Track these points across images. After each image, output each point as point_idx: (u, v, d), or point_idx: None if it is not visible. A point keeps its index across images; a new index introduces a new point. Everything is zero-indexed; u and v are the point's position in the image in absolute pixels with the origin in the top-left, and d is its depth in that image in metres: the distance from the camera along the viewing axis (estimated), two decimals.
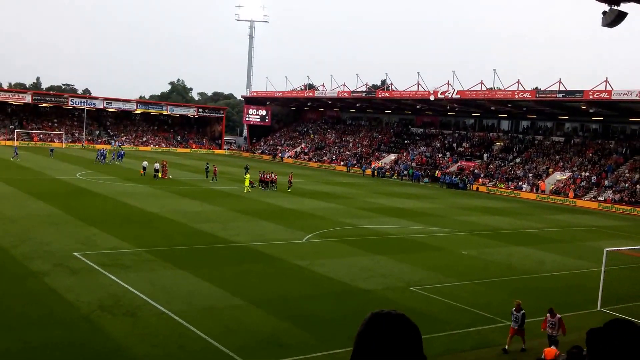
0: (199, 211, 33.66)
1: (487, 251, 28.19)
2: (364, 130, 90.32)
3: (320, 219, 33.74)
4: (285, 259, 23.39)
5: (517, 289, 21.59)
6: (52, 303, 16.26)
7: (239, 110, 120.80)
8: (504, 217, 41.33)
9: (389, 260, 24.56)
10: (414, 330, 1.98)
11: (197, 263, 21.72)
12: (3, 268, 19.33)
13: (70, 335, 14.20)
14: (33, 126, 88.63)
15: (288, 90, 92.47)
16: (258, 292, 18.59)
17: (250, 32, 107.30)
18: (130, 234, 25.91)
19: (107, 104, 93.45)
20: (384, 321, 1.97)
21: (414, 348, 1.95)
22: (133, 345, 13.86)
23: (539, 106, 63.10)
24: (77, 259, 20.92)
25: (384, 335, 1.94)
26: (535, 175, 61.79)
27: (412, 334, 1.97)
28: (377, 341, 1.93)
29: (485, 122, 78.14)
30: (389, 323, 1.96)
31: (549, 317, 15.40)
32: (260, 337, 15.02)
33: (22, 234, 24.42)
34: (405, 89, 74.08)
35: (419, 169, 70.76)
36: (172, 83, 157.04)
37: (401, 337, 1.95)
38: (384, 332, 1.94)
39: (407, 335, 1.96)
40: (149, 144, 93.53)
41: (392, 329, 1.95)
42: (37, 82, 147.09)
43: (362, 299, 18.66)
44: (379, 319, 1.98)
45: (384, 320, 1.97)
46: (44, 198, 34.10)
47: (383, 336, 1.94)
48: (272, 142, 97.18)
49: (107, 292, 17.50)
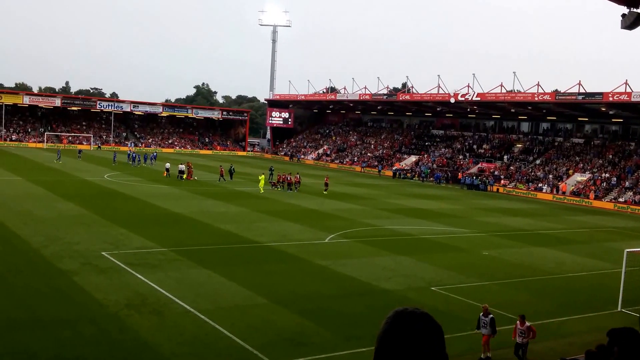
0: (223, 212, 34.18)
1: (507, 252, 28.21)
2: (385, 132, 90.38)
3: (342, 220, 34.02)
4: (308, 259, 23.70)
5: (537, 290, 21.66)
6: (81, 301, 16.64)
7: (263, 113, 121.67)
8: (523, 218, 41.18)
9: (410, 260, 24.75)
10: (438, 329, 1.95)
11: (221, 262, 22.13)
12: (34, 267, 19.87)
13: (98, 332, 14.49)
14: (62, 129, 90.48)
15: (310, 93, 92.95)
16: (281, 291, 18.92)
17: (273, 36, 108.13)
18: (157, 233, 26.45)
19: (134, 107, 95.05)
20: (408, 319, 1.94)
21: (437, 347, 1.93)
22: (160, 343, 14.13)
23: (559, 108, 62.62)
24: (105, 259, 21.44)
25: (408, 333, 1.91)
26: (556, 176, 61.32)
27: (435, 333, 1.94)
28: (401, 339, 1.91)
29: (506, 124, 77.68)
30: (412, 321, 1.94)
31: (519, 324, 14.60)
32: (283, 335, 15.31)
33: (52, 234, 25.04)
34: (425, 92, 74.08)
35: (439, 170, 70.67)
36: (197, 87, 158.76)
37: (425, 336, 1.91)
38: (407, 330, 1.91)
39: (431, 334, 1.93)
40: (175, 146, 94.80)
41: (416, 328, 1.92)
42: (66, 86, 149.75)
43: (383, 299, 18.85)
44: (403, 317, 1.95)
45: (408, 318, 1.95)
46: (73, 199, 34.91)
47: (407, 334, 1.91)
48: (295, 144, 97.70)
49: (135, 290, 17.88)
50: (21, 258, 20.93)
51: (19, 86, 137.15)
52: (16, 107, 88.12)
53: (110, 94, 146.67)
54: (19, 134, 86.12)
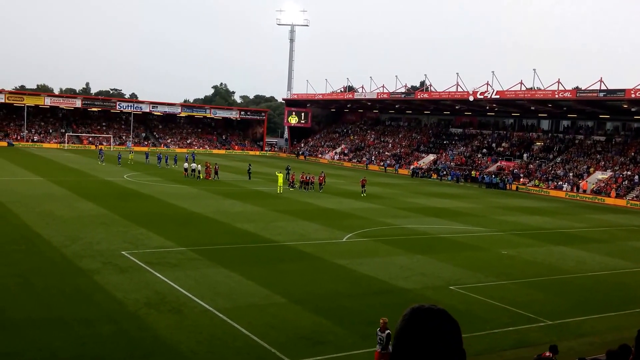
0: (241, 211, 34.37)
1: (526, 251, 27.96)
2: (403, 131, 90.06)
3: (359, 219, 33.99)
4: (326, 258, 23.73)
5: (556, 289, 21.45)
6: (102, 300, 16.85)
7: (280, 113, 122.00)
8: (543, 217, 40.78)
9: (428, 259, 24.66)
10: (455, 326, 1.95)
11: (239, 261, 22.26)
12: (55, 266, 20.14)
13: (118, 331, 14.67)
14: (83, 129, 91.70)
15: (328, 93, 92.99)
16: (299, 290, 18.98)
17: (290, 36, 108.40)
18: (176, 233, 26.69)
19: (153, 107, 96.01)
20: (425, 316, 1.94)
21: (454, 343, 1.92)
22: (179, 341, 14.24)
23: (580, 105, 61.86)
24: (125, 258, 21.69)
25: (425, 330, 1.90)
26: (576, 174, 60.60)
27: (452, 330, 1.94)
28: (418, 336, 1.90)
29: (525, 122, 76.96)
30: (429, 318, 1.93)
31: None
32: (301, 333, 15.36)
33: (73, 233, 25.37)
34: (444, 90, 73.69)
35: (458, 169, 70.26)
36: (215, 87, 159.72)
37: (442, 332, 1.91)
38: (424, 327, 1.91)
39: (448, 331, 1.93)
40: (193, 145, 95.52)
41: (433, 324, 1.92)
42: (86, 88, 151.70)
43: (401, 298, 18.81)
44: (420, 313, 1.95)
45: (425, 315, 1.94)
46: (94, 199, 35.35)
47: (424, 331, 1.90)
48: (313, 144, 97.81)
49: (154, 289, 18.05)
50: (43, 257, 21.24)
51: (40, 87, 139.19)
52: (38, 108, 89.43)
53: (130, 94, 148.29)
54: (40, 134, 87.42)
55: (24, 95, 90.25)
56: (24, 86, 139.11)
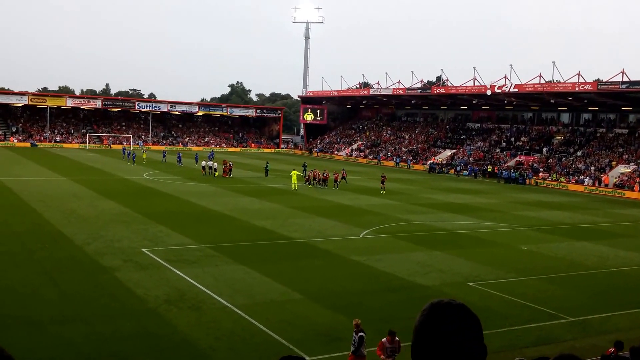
0: (259, 208, 34.50)
1: (547, 246, 27.67)
2: (419, 127, 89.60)
3: (376, 215, 33.93)
4: (343, 254, 23.73)
5: (578, 285, 21.22)
6: (123, 297, 17.06)
7: (296, 110, 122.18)
8: (563, 212, 40.32)
9: (446, 255, 24.52)
10: (475, 321, 1.91)
11: (257, 258, 22.34)
12: (77, 264, 20.42)
13: (139, 327, 14.84)
14: (103, 129, 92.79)
15: (343, 89, 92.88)
16: (316, 287, 19.01)
17: (306, 33, 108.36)
18: (194, 230, 26.89)
19: (171, 107, 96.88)
20: (444, 311, 1.90)
21: (475, 338, 1.89)
22: (198, 338, 14.37)
23: (601, 98, 60.98)
24: (145, 255, 21.93)
25: (445, 325, 1.87)
26: (598, 168, 59.76)
27: (473, 324, 1.90)
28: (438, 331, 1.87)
29: (545, 116, 76.01)
30: (449, 313, 1.90)
31: (387, 341, 12.58)
32: (318, 330, 15.39)
33: (95, 231, 25.70)
34: (461, 85, 73.18)
35: (476, 164, 69.73)
36: (231, 85, 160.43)
37: (462, 327, 1.88)
38: (444, 322, 1.88)
39: (468, 326, 1.89)
40: (211, 144, 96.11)
41: (453, 319, 1.88)
42: (106, 89, 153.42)
43: (419, 294, 18.73)
44: (439, 308, 1.91)
45: (445, 310, 1.91)
46: (114, 197, 35.76)
47: (444, 326, 1.87)
48: (329, 140, 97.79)
49: (173, 286, 18.23)
50: (66, 255, 21.54)
51: (62, 89, 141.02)
52: (60, 110, 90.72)
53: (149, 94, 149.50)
54: (62, 135, 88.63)
55: (47, 96, 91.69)
56: (47, 88, 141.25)
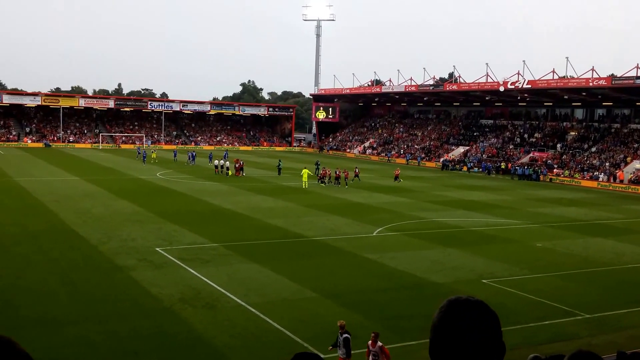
0: (271, 207, 34.56)
1: (562, 243, 27.45)
2: (432, 124, 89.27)
3: (389, 213, 33.85)
4: (356, 252, 23.71)
5: (595, 282, 21.04)
6: (138, 295, 17.17)
7: (308, 108, 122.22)
8: (578, 208, 39.99)
9: (460, 253, 24.42)
10: (493, 317, 1.87)
11: (271, 257, 22.38)
12: (93, 263, 20.58)
13: (154, 325, 14.92)
14: (116, 129, 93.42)
15: (355, 87, 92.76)
16: (330, 285, 19.01)
17: (317, 31, 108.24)
18: (208, 229, 27.00)
19: (183, 106, 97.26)
20: (462, 308, 1.86)
21: (493, 336, 1.85)
22: (213, 336, 14.44)
23: (615, 93, 60.37)
24: (159, 254, 22.05)
25: (463, 322, 1.83)
26: (613, 164, 59.18)
27: (491, 321, 1.86)
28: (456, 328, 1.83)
29: (558, 112, 75.39)
30: (467, 309, 1.86)
31: (370, 344, 12.30)
32: (332, 328, 15.30)
33: (109, 231, 25.88)
34: (473, 81, 72.74)
35: (489, 160, 69.37)
36: (243, 84, 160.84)
37: (481, 324, 1.83)
38: (462, 319, 1.84)
39: (487, 322, 1.85)
40: (223, 143, 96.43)
41: (471, 316, 1.84)
42: (118, 88, 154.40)
43: (433, 292, 18.68)
44: (457, 305, 1.87)
45: (462, 306, 1.86)
46: (128, 197, 35.98)
47: (462, 323, 1.83)
48: (341, 138, 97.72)
49: (188, 285, 18.32)
50: (81, 255, 21.73)
51: (74, 89, 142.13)
52: (72, 110, 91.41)
53: (160, 94, 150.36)
54: (75, 135, 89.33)
55: (60, 97, 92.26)
56: (59, 88, 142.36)
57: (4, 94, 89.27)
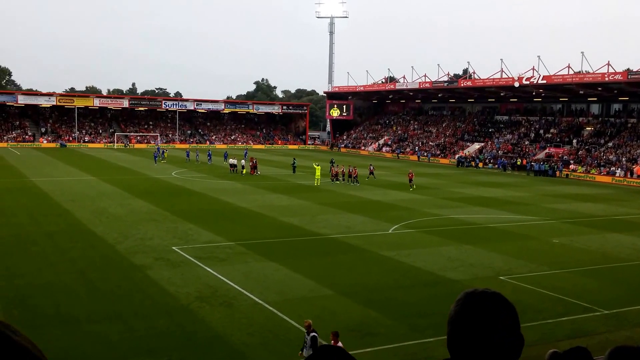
0: (287, 205, 34.62)
1: (579, 239, 27.21)
2: (446, 120, 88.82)
3: (405, 210, 33.76)
4: (372, 249, 23.68)
5: (612, 277, 20.83)
6: (155, 294, 17.28)
7: (322, 106, 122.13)
8: (595, 204, 39.59)
9: (476, 249, 24.30)
10: (511, 309, 1.84)
11: (287, 255, 22.43)
12: (110, 263, 20.75)
13: (172, 324, 15.01)
14: (130, 129, 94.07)
15: (369, 84, 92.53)
16: (347, 283, 19.01)
17: (330, 28, 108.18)
18: (224, 228, 27.12)
19: (197, 105, 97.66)
20: (480, 300, 1.83)
21: (511, 328, 1.82)
22: (231, 334, 14.51)
23: (632, 88, 59.66)
24: (176, 253, 22.19)
25: (481, 314, 1.80)
26: (629, 159, 58.50)
27: (509, 313, 1.83)
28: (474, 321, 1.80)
29: (574, 107, 74.66)
30: (484, 302, 1.83)
31: None
32: (350, 325, 15.37)
33: (126, 230, 26.10)
34: (488, 77, 72.33)
35: (505, 157, 68.91)
36: (257, 82, 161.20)
37: (498, 316, 1.80)
38: (480, 311, 1.81)
39: (504, 314, 1.82)
40: (237, 141, 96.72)
41: (489, 308, 1.81)
42: (132, 88, 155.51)
43: (450, 289, 18.60)
44: (474, 297, 1.84)
45: (480, 299, 1.84)
46: (144, 196, 36.23)
47: (479, 315, 1.80)
48: (355, 136, 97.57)
49: (205, 283, 18.41)
50: (98, 254, 21.91)
51: (89, 89, 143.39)
52: (87, 110, 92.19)
53: (175, 93, 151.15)
54: (90, 135, 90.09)
55: (74, 97, 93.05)
56: (74, 88, 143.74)
57: (19, 95, 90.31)
